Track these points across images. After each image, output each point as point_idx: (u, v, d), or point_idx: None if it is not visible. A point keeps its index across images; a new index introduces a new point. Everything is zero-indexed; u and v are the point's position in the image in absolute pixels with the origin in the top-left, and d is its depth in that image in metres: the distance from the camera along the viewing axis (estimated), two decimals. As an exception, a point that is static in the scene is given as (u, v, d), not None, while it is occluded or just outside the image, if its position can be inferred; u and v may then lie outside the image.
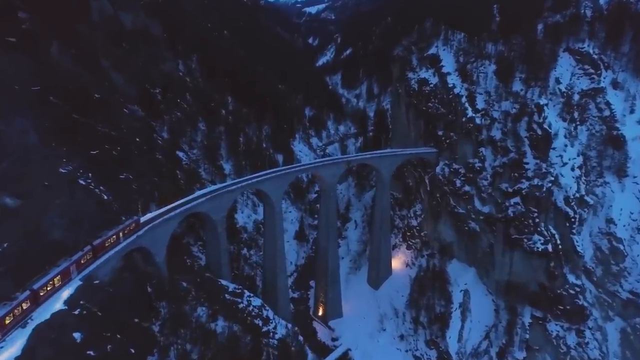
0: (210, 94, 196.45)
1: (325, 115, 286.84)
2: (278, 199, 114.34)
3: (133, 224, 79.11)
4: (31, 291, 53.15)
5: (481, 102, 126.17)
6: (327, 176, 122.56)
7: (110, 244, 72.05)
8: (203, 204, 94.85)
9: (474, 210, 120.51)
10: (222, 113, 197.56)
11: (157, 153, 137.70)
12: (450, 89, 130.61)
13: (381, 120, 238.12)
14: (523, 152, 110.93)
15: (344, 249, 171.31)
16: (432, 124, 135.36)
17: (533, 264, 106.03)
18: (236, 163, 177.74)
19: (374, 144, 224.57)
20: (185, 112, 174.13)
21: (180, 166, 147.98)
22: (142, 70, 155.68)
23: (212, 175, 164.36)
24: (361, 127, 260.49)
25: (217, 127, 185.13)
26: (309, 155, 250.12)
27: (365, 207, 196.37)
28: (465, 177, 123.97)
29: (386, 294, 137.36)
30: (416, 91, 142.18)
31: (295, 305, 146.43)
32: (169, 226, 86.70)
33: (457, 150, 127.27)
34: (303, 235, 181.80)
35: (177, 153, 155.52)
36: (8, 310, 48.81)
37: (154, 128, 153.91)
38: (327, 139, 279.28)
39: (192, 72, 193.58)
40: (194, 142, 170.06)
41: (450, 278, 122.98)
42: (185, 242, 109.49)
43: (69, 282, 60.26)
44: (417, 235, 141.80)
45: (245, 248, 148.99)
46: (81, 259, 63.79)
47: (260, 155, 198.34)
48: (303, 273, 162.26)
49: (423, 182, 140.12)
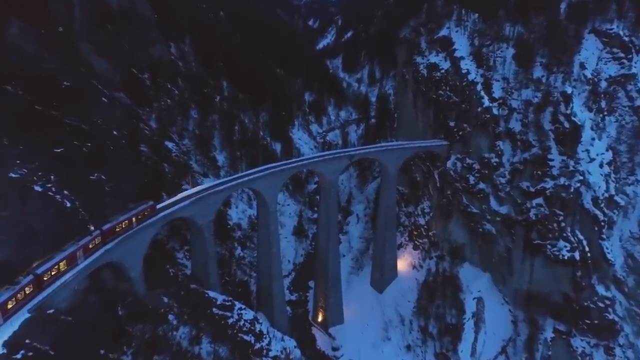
0: (204, 79, 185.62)
1: (325, 100, 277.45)
2: (273, 199, 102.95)
3: (148, 209, 75.23)
4: (34, 276, 52.12)
5: (498, 90, 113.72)
6: (328, 172, 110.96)
7: (122, 229, 69.37)
8: (186, 208, 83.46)
9: (490, 210, 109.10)
10: (217, 100, 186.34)
11: (142, 145, 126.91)
12: (464, 75, 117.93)
13: (384, 106, 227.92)
14: (547, 147, 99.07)
15: (345, 246, 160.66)
16: (442, 114, 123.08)
17: (557, 273, 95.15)
18: (230, 154, 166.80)
19: (377, 132, 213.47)
20: (176, 99, 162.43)
21: (169, 158, 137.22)
22: (129, 54, 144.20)
23: (205, 167, 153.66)
24: (363, 113, 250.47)
25: (211, 115, 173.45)
26: (309, 143, 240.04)
27: (367, 200, 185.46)
28: (480, 173, 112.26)
29: (391, 298, 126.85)
30: (425, 77, 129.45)
31: (293, 309, 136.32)
32: (145, 236, 75.51)
33: (471, 144, 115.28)
34: (302, 230, 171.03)
35: (166, 144, 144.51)
36: (10, 295, 48.00)
37: (140, 117, 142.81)
38: (328, 125, 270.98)
39: (184, 56, 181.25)
40: (185, 132, 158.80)
41: (462, 284, 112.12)
42: (169, 248, 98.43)
43: (75, 267, 58.97)
44: (424, 234, 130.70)
45: (239, 247, 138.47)
46: (89, 244, 61.91)
47: (257, 145, 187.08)
48: (302, 272, 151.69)
49: (432, 177, 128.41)
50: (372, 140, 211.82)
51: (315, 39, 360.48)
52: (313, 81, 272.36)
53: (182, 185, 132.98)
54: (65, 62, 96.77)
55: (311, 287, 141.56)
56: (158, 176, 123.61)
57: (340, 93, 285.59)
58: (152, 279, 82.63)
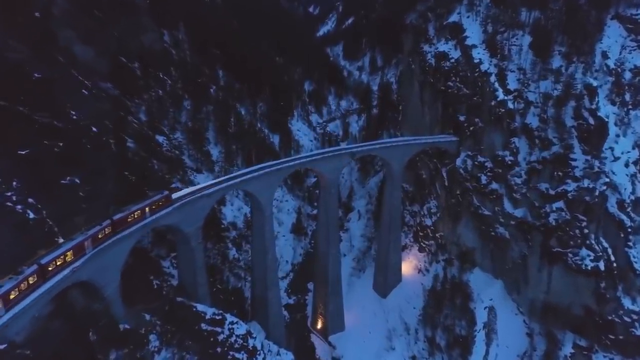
0: (198, 68, 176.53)
1: (325, 89, 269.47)
2: (268, 201, 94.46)
3: (163, 199, 72.20)
4: (39, 266, 50.80)
5: (514, 82, 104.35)
6: (328, 171, 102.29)
7: (134, 219, 66.94)
8: (170, 214, 74.68)
9: (503, 213, 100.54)
10: (212, 90, 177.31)
11: (130, 140, 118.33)
12: (476, 65, 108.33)
13: (386, 95, 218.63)
14: (569, 146, 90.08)
15: (346, 245, 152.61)
16: (452, 107, 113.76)
17: (578, 283, 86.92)
18: (226, 147, 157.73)
19: (379, 123, 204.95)
20: (168, 90, 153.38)
21: (159, 153, 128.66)
22: (118, 42, 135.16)
23: (198, 162, 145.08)
24: (364, 103, 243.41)
25: (205, 106, 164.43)
26: (309, 135, 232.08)
27: (369, 195, 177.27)
28: (493, 172, 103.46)
29: (395, 304, 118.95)
30: (433, 67, 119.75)
31: (291, 313, 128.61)
32: (122, 248, 66.99)
33: (483, 140, 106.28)
34: (301, 228, 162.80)
35: (157, 137, 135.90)
36: (13, 285, 46.80)
37: (129, 109, 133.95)
38: (328, 115, 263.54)
39: (178, 44, 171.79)
40: (178, 124, 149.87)
41: (473, 292, 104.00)
42: (153, 256, 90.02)
43: (82, 257, 57.23)
44: (431, 236, 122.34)
45: (234, 248, 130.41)
46: (98, 234, 60.36)
47: (254, 138, 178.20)
48: (300, 273, 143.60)
49: (439, 175, 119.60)
50: (374, 132, 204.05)
51: (315, 26, 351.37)
52: (313, 70, 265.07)
53: (172, 182, 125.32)
54: (37, 51, 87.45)
55: (310, 289, 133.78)
56: (144, 174, 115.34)
57: (341, 82, 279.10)
58: (133, 294, 74.60)
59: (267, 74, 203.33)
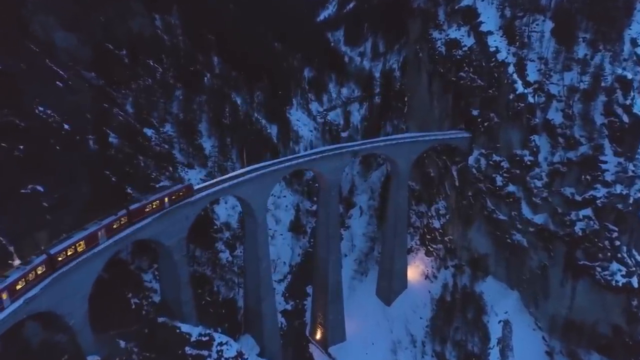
0: (192, 55, 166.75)
1: (326, 76, 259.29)
2: (261, 206, 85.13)
3: (184, 189, 69.05)
4: (47, 256, 49.64)
5: (534, 73, 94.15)
6: (328, 171, 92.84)
7: (152, 209, 63.69)
8: (148, 226, 65.11)
9: (521, 218, 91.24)
10: (207, 77, 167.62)
11: (112, 135, 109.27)
12: (492, 53, 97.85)
13: (388, 83, 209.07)
14: (599, 146, 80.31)
15: (347, 245, 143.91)
16: (464, 100, 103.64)
17: (606, 300, 78.08)
18: (220, 140, 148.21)
19: (382, 113, 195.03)
20: (158, 79, 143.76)
21: (147, 148, 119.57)
22: (105, 27, 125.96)
23: (189, 157, 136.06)
24: (366, 90, 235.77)
25: (198, 96, 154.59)
26: (308, 125, 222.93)
27: (372, 190, 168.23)
28: (510, 173, 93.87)
29: (400, 313, 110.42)
30: (443, 56, 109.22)
31: (288, 320, 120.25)
32: (90, 269, 57.58)
33: (499, 137, 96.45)
34: (299, 225, 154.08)
35: (145, 131, 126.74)
36: (20, 275, 45.90)
37: (115, 100, 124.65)
38: (329, 103, 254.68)
39: (171, 29, 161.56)
40: (169, 115, 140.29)
41: (486, 304, 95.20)
42: (133, 269, 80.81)
43: (95, 248, 55.20)
44: (439, 239, 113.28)
45: (227, 250, 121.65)
46: (113, 224, 58.14)
47: (251, 129, 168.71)
48: (299, 276, 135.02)
49: (449, 174, 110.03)
50: (377, 122, 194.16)
51: (315, 10, 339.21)
52: (313, 56, 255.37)
53: (159, 181, 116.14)
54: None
55: (309, 293, 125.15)
56: (129, 173, 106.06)
57: (342, 68, 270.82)
58: (105, 317, 65.76)
59: (264, 61, 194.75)
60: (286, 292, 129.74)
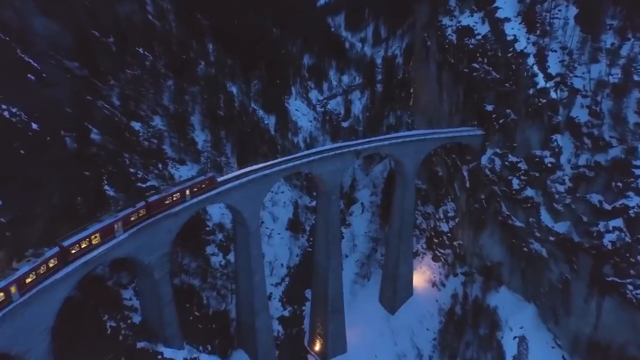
0: (185, 42, 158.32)
1: (326, 63, 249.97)
2: (253, 215, 76.70)
3: (207, 181, 66.08)
4: (60, 248, 48.18)
5: (556, 65, 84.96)
6: (327, 174, 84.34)
7: (172, 202, 61.40)
8: (122, 244, 56.77)
9: (540, 226, 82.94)
10: (201, 66, 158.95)
11: (94, 131, 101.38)
12: (510, 43, 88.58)
13: (391, 70, 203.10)
14: (633, 149, 71.47)
15: (348, 245, 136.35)
16: (477, 94, 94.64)
17: (637, 321, 69.96)
18: (213, 133, 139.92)
19: (385, 102, 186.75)
20: (148, 68, 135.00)
21: (134, 144, 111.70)
22: (90, 12, 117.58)
23: (181, 152, 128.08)
24: (368, 78, 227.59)
25: (191, 86, 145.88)
26: (308, 115, 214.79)
27: (374, 185, 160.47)
28: (528, 176, 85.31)
29: (405, 323, 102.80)
30: (454, 45, 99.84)
31: (285, 328, 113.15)
32: (52, 297, 49.43)
33: (516, 136, 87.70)
34: (298, 223, 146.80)
35: (132, 125, 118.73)
36: (30, 269, 44.29)
37: (99, 92, 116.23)
38: (329, 92, 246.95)
39: (163, 14, 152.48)
40: (159, 107, 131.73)
41: (500, 317, 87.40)
42: (111, 285, 72.62)
43: (111, 240, 53.64)
44: (447, 244, 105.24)
45: (221, 253, 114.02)
46: (130, 216, 56.30)
47: (248, 122, 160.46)
48: (297, 278, 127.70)
49: (459, 174, 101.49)
50: (379, 112, 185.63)
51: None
52: (313, 42, 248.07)
53: (147, 180, 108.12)
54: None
55: (308, 298, 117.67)
56: (112, 172, 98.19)
57: (343, 54, 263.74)
58: (77, 345, 57.94)
59: (262, 48, 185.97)
60: (284, 297, 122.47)
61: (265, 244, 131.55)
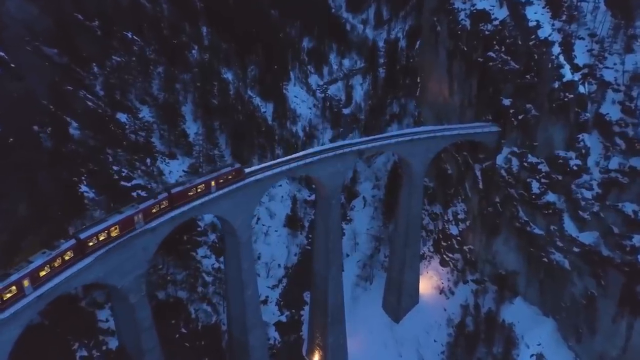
0: (178, 25, 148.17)
1: (327, 46, 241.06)
2: (244, 225, 68.49)
3: (233, 172, 62.86)
4: (77, 240, 46.54)
5: (584, 54, 75.72)
6: (327, 177, 75.94)
7: (196, 194, 58.68)
8: (94, 265, 48.77)
9: (562, 234, 74.88)
10: (194, 51, 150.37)
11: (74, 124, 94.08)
12: (532, 29, 79.00)
13: (394, 54, 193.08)
14: (673, 154, 63.08)
15: (349, 244, 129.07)
16: (492, 87, 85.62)
17: (674, 346, 62.58)
18: (206, 125, 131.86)
19: (387, 88, 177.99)
20: (137, 54, 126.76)
21: (119, 138, 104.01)
22: None
23: (171, 144, 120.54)
24: (370, 62, 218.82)
25: (182, 73, 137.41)
26: (307, 101, 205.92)
27: (376, 177, 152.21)
28: (550, 179, 76.91)
29: (411, 334, 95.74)
30: (468, 31, 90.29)
31: (282, 335, 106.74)
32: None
33: (537, 134, 78.94)
34: (296, 220, 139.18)
35: (118, 117, 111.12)
36: (44, 262, 42.77)
37: (82, 82, 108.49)
38: (330, 76, 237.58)
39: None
40: (148, 97, 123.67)
41: (515, 332, 79.98)
42: (85, 306, 64.85)
43: (131, 232, 51.22)
44: (457, 248, 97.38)
45: (213, 255, 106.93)
46: (152, 208, 53.50)
47: (243, 111, 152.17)
48: (295, 279, 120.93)
49: (470, 173, 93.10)
50: (382, 99, 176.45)
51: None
52: (312, 24, 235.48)
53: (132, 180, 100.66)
54: None
55: (307, 301, 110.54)
56: (92, 171, 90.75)
57: (344, 37, 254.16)
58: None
59: (259, 31, 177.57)
60: (280, 300, 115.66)
61: (262, 242, 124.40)
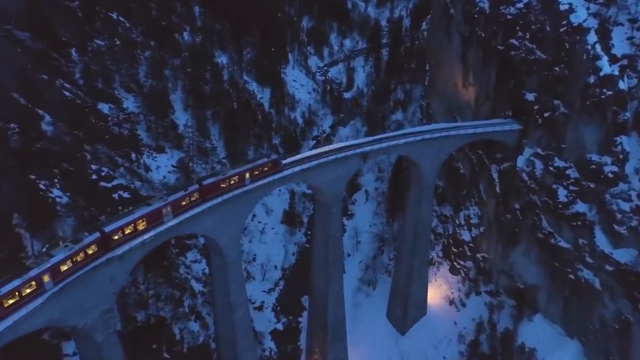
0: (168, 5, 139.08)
1: (327, 26, 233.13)
2: (232, 243, 59.67)
3: (270, 164, 59.14)
4: (101, 234, 44.03)
5: (622, 43, 65.76)
6: (327, 183, 66.84)
7: (229, 186, 54.99)
8: (44, 308, 40.23)
9: (593, 250, 66.22)
10: (186, 33, 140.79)
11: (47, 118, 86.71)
12: (563, 13, 68.71)
13: (397, 35, 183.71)
14: None
15: (350, 243, 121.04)
16: (514, 79, 75.61)
17: None
18: (197, 114, 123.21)
19: (391, 71, 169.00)
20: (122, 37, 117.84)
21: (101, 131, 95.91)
22: None
23: (159, 137, 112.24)
24: (372, 42, 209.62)
25: (172, 58, 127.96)
26: (306, 86, 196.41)
27: (379, 168, 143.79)
28: (580, 186, 67.84)
29: (417, 347, 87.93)
30: (487, 14, 79.81)
31: (279, 344, 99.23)
32: None
33: (565, 134, 69.44)
34: (294, 216, 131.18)
35: (100, 107, 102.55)
36: (66, 256, 40.44)
37: (58, 68, 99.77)
38: (330, 58, 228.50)
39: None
40: (134, 84, 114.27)
41: (537, 356, 71.98)
42: (47, 338, 56.51)
43: (159, 226, 48.56)
44: (469, 255, 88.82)
45: (204, 260, 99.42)
46: (181, 200, 50.92)
47: (238, 98, 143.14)
48: (293, 283, 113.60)
49: (486, 174, 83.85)
50: (386, 83, 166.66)
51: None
52: (312, 2, 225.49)
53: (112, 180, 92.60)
54: None
55: (305, 306, 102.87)
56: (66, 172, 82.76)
57: (345, 16, 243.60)
58: None
59: (255, 10, 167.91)
60: (277, 305, 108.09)
61: (258, 241, 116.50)
